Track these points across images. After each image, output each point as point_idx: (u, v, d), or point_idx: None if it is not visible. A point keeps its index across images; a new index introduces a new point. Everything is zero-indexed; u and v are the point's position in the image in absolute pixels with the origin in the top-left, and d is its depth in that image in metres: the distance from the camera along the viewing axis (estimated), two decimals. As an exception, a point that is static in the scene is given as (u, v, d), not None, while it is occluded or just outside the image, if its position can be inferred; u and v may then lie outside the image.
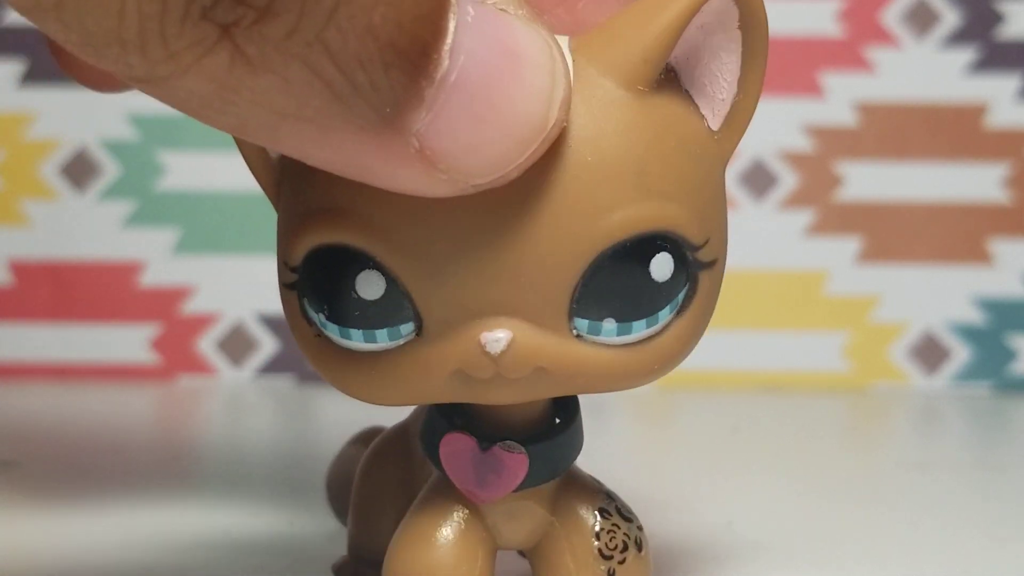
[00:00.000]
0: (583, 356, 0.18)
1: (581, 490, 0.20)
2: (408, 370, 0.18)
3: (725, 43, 0.18)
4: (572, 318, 0.17)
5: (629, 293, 0.17)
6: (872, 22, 0.52)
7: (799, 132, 0.51)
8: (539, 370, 0.17)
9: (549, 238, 0.17)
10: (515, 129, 0.16)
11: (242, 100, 0.15)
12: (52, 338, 0.51)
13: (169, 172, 0.51)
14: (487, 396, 0.18)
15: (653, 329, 0.18)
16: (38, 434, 0.41)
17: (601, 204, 0.17)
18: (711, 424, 0.45)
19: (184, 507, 0.30)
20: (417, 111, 0.15)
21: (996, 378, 0.51)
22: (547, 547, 0.20)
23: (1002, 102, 0.51)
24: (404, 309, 0.17)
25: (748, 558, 0.26)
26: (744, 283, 0.51)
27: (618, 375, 0.18)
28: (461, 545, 0.19)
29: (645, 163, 0.17)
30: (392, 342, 0.18)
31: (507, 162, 0.16)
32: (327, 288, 0.17)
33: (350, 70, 0.15)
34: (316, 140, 0.15)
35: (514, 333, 0.17)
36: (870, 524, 0.30)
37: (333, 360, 0.18)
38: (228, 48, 0.14)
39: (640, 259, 0.17)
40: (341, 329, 0.18)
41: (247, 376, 0.51)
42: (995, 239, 0.51)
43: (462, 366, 0.17)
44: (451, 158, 0.16)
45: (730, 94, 0.19)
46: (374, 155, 0.16)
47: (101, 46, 0.14)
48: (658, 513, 0.29)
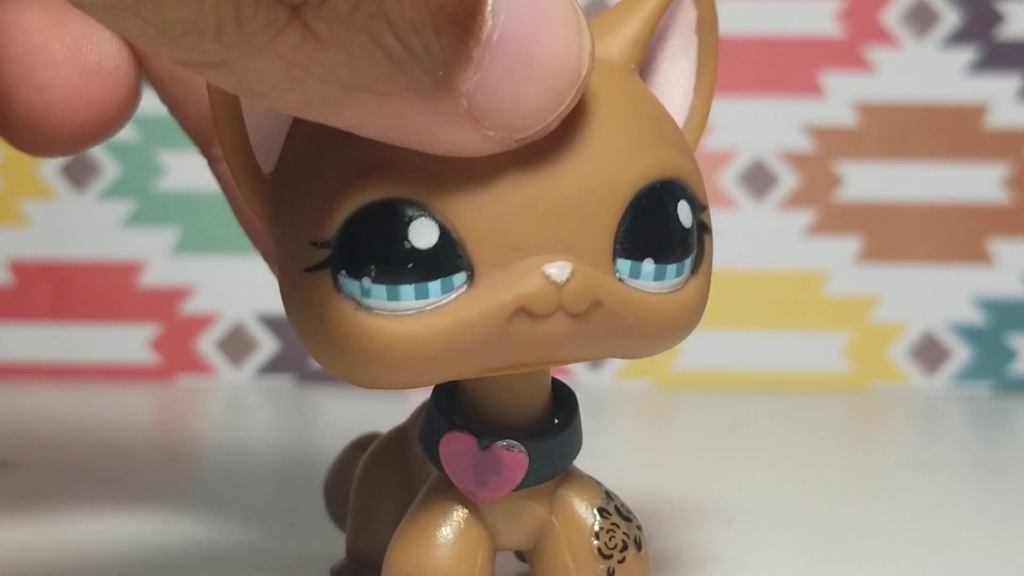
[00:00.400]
0: (631, 297, 0.18)
1: (580, 489, 0.20)
2: (466, 321, 0.17)
3: (682, 48, 0.20)
4: (616, 259, 0.18)
5: (664, 234, 0.18)
6: (872, 22, 0.52)
7: (799, 132, 0.51)
8: (596, 305, 0.18)
9: (592, 175, 0.18)
10: (553, 81, 0.17)
11: (310, 76, 0.15)
12: (52, 338, 0.51)
13: (169, 172, 0.51)
14: (544, 343, 0.18)
15: (679, 280, 0.19)
16: (38, 434, 0.41)
17: (631, 147, 0.18)
18: (711, 424, 0.45)
19: (184, 507, 0.30)
20: (466, 71, 0.16)
21: (996, 378, 0.51)
22: (546, 546, 0.20)
23: (1002, 102, 0.51)
24: (457, 258, 0.17)
25: (748, 558, 0.26)
26: (744, 283, 0.51)
27: (658, 324, 0.18)
28: (460, 545, 0.19)
29: (658, 117, 0.19)
30: (444, 296, 0.17)
31: (547, 113, 0.17)
32: (374, 247, 0.17)
33: (406, 36, 0.15)
34: (376, 109, 0.16)
35: (574, 265, 0.17)
36: (870, 524, 0.30)
37: (376, 335, 0.17)
38: (298, 27, 0.15)
39: (668, 202, 0.18)
40: (390, 289, 0.17)
41: (247, 376, 0.51)
42: (995, 239, 0.51)
43: (525, 302, 0.17)
44: (497, 114, 0.17)
45: (687, 100, 0.21)
46: (428, 118, 0.16)
47: (178, 35, 0.14)
48: (658, 513, 0.29)
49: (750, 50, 0.51)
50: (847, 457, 0.40)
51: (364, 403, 0.22)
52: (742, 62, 0.51)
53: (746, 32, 0.51)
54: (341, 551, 0.24)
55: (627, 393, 0.49)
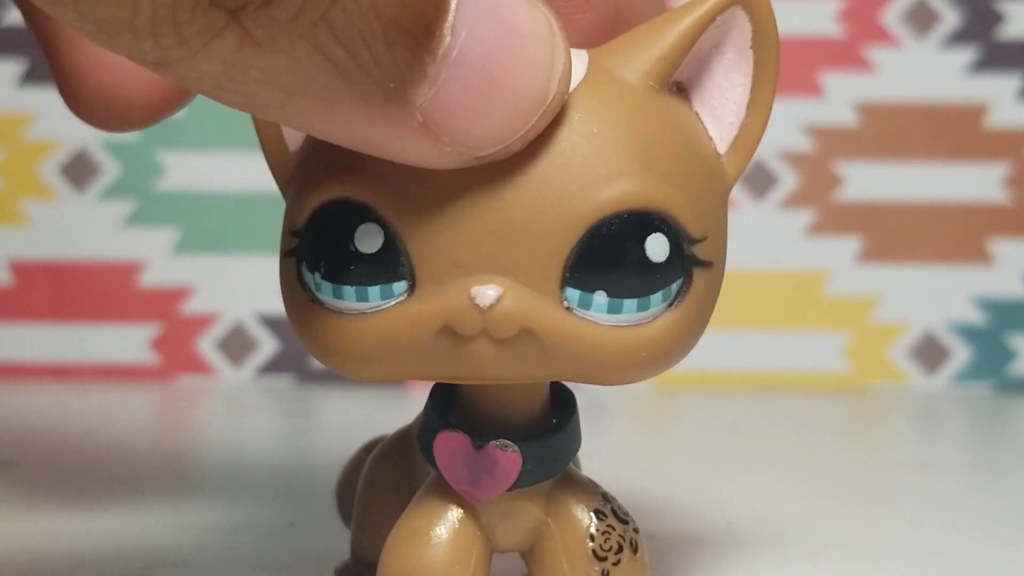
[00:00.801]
0: (571, 327, 0.17)
1: (577, 491, 0.20)
2: (396, 330, 0.18)
3: (737, 63, 0.19)
4: (564, 288, 0.17)
5: (623, 268, 0.18)
6: (872, 22, 0.52)
7: (799, 132, 0.51)
8: (527, 333, 0.17)
9: (547, 200, 0.17)
10: (516, 102, 0.16)
11: (250, 79, 0.15)
12: (52, 338, 0.51)
13: (169, 172, 0.51)
14: (470, 362, 0.18)
15: (644, 315, 0.18)
16: (38, 434, 0.41)
17: (601, 173, 0.17)
18: (711, 424, 0.45)
19: (184, 507, 0.30)
20: (420, 86, 0.16)
21: (996, 378, 0.51)
22: (542, 547, 0.20)
23: (1002, 102, 0.51)
24: (399, 266, 0.17)
25: (748, 558, 0.26)
26: (744, 283, 0.51)
27: (606, 358, 0.18)
28: (455, 544, 0.19)
29: (650, 145, 0.18)
30: (384, 301, 0.18)
31: (509, 134, 0.17)
32: (326, 244, 0.18)
33: (354, 48, 0.15)
34: (323, 115, 0.16)
35: (505, 291, 0.17)
36: (870, 524, 0.30)
37: (323, 327, 0.18)
38: (236, 31, 0.15)
39: (636, 234, 0.17)
40: (335, 287, 0.18)
41: (247, 376, 0.51)
42: (995, 239, 0.51)
43: (450, 321, 0.17)
44: (454, 131, 0.16)
45: (739, 117, 0.19)
46: (379, 129, 0.16)
47: (115, 34, 0.15)
48: (658, 513, 0.29)
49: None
50: (847, 457, 0.40)
51: (364, 403, 0.22)
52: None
53: (746, 32, 0.51)
54: (341, 551, 0.24)
55: (627, 393, 0.49)
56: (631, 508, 0.21)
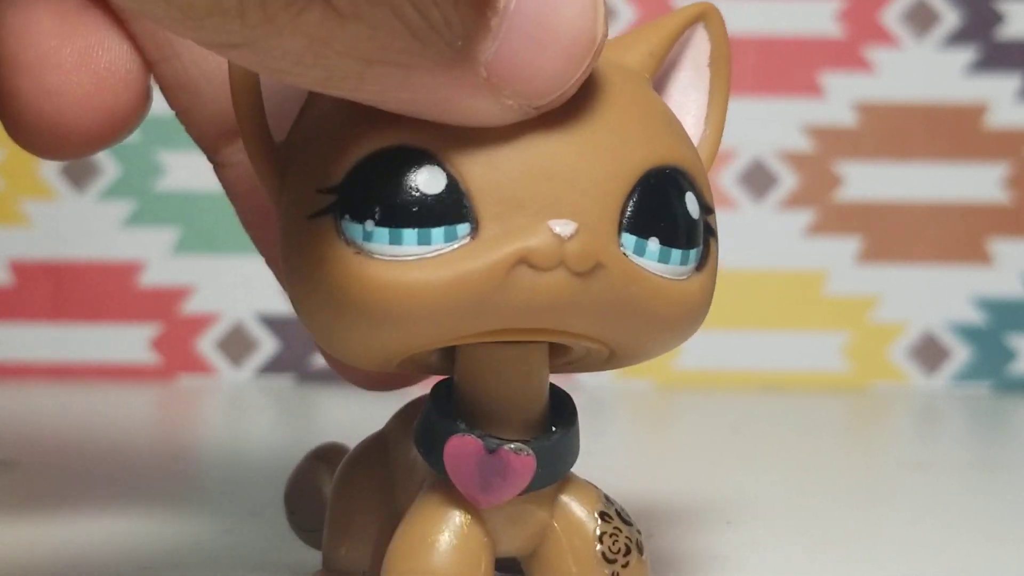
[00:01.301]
0: (633, 268, 0.18)
1: (580, 493, 0.20)
2: (467, 270, 0.17)
3: (695, 80, 0.21)
4: (621, 233, 0.18)
5: (671, 216, 0.18)
6: (872, 22, 0.52)
7: (799, 132, 0.51)
8: (599, 267, 0.18)
9: (602, 148, 0.18)
10: (570, 47, 0.17)
11: (332, 52, 0.16)
12: (52, 338, 0.51)
13: (169, 172, 0.51)
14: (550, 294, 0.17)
15: (684, 270, 0.19)
16: (38, 434, 0.41)
17: (645, 130, 0.18)
18: (711, 424, 0.45)
19: (184, 507, 0.30)
20: (485, 41, 0.16)
21: (996, 378, 0.51)
22: (547, 551, 0.20)
23: (1002, 102, 0.51)
24: (462, 208, 0.17)
25: (748, 558, 0.26)
26: (744, 283, 0.51)
27: (658, 307, 0.18)
28: (464, 549, 0.19)
29: (669, 117, 0.19)
30: (447, 244, 0.17)
31: (565, 80, 0.17)
32: (382, 189, 0.17)
33: (426, 8, 0.16)
34: (397, 82, 0.16)
35: (580, 226, 0.17)
36: (870, 524, 0.30)
37: (373, 280, 0.17)
38: (319, 3, 0.15)
39: (679, 188, 0.18)
40: (392, 232, 0.17)
41: (247, 376, 0.51)
42: (995, 239, 0.51)
43: (527, 254, 0.17)
44: (516, 82, 0.17)
45: (697, 130, 0.21)
46: (449, 89, 0.17)
47: (202, 17, 0.15)
48: (658, 513, 0.29)
49: (750, 50, 0.51)
50: (847, 457, 0.40)
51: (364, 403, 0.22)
52: (742, 62, 0.51)
53: (746, 32, 0.51)
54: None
55: (627, 393, 0.49)
56: (631, 508, 0.21)
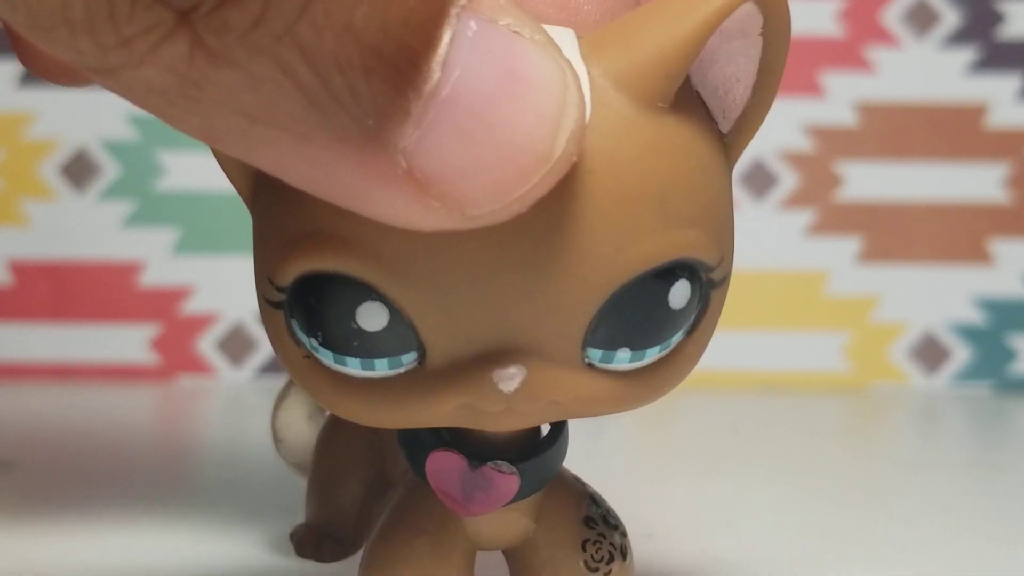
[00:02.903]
0: (595, 385, 0.17)
1: (566, 497, 0.20)
2: (409, 398, 0.17)
3: (744, 48, 0.17)
4: (585, 348, 0.16)
5: (646, 323, 0.17)
6: (872, 22, 0.52)
7: (799, 132, 0.51)
8: (551, 402, 0.17)
9: (567, 272, 0.16)
10: (514, 155, 0.14)
11: (206, 97, 0.13)
12: (52, 338, 0.51)
13: (169, 172, 0.51)
14: (494, 425, 0.17)
15: (664, 352, 0.17)
16: (38, 434, 0.41)
17: (623, 236, 0.16)
18: (711, 424, 0.45)
19: (184, 507, 0.30)
20: (403, 126, 0.14)
21: (996, 378, 0.51)
22: (529, 557, 0.20)
23: (1002, 102, 0.51)
24: (407, 340, 0.16)
25: (748, 558, 0.26)
26: (744, 283, 0.51)
27: (628, 399, 0.17)
28: (440, 546, 0.19)
29: (667, 190, 0.16)
30: (392, 371, 0.17)
31: (506, 192, 0.15)
32: (322, 318, 0.16)
33: (326, 73, 0.13)
34: (291, 151, 0.14)
35: (528, 369, 0.16)
36: (870, 524, 0.30)
37: (325, 383, 0.17)
38: (187, 36, 0.13)
39: (659, 289, 0.16)
40: (336, 356, 0.16)
41: (247, 376, 0.51)
42: (995, 239, 0.51)
43: (471, 400, 0.16)
44: (444, 183, 0.14)
45: (744, 98, 0.18)
46: (357, 172, 0.14)
47: (48, 28, 0.13)
48: (658, 513, 0.29)
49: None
50: (847, 457, 0.40)
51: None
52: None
53: (746, 32, 0.51)
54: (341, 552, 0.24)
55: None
56: (630, 509, 0.21)
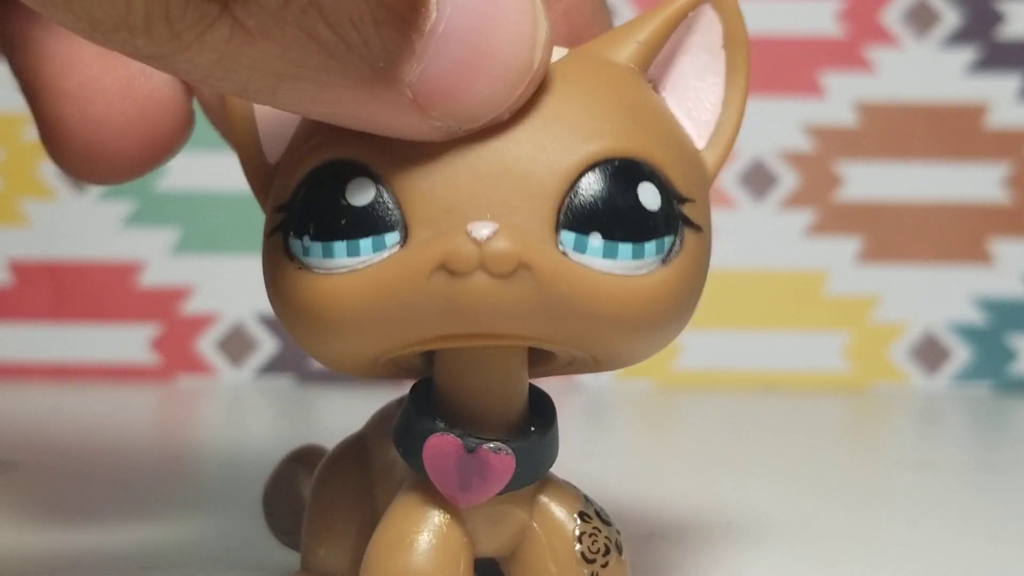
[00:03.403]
0: (568, 268, 0.17)
1: (560, 493, 0.20)
2: (389, 278, 0.17)
3: (710, 63, 0.20)
4: (559, 231, 0.17)
5: (616, 210, 0.18)
6: (872, 22, 0.52)
7: (799, 132, 0.51)
8: (524, 268, 0.17)
9: (538, 148, 0.17)
10: (503, 73, 0.17)
11: (242, 67, 0.15)
12: (52, 338, 0.51)
13: (169, 172, 0.51)
14: (467, 305, 0.17)
15: (638, 264, 0.18)
16: (38, 434, 0.41)
17: (591, 126, 0.18)
18: (711, 424, 0.45)
19: (184, 507, 0.30)
20: (408, 63, 0.16)
21: (996, 378, 0.51)
22: (527, 552, 0.20)
23: (1002, 102, 0.51)
24: (390, 216, 0.17)
25: (748, 558, 0.26)
26: (744, 283, 0.51)
27: (601, 306, 0.18)
28: (442, 550, 0.19)
29: (636, 107, 0.18)
30: (376, 254, 0.18)
31: (496, 105, 0.17)
32: (316, 204, 0.18)
33: (343, 30, 0.15)
34: (314, 97, 0.16)
35: (500, 226, 0.17)
36: (870, 524, 0.30)
37: (310, 293, 0.18)
38: (228, 22, 0.15)
39: (628, 180, 0.18)
40: (325, 246, 0.18)
41: (247, 376, 0.51)
42: (995, 239, 0.51)
43: (445, 258, 0.17)
44: (443, 104, 0.16)
45: (714, 115, 0.20)
46: (370, 107, 0.16)
47: (109, 32, 0.15)
48: (658, 513, 0.29)
49: (750, 50, 0.51)
50: (847, 457, 0.40)
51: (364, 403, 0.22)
52: (742, 62, 0.51)
53: (746, 32, 0.51)
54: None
55: (627, 393, 0.49)
56: (630, 509, 0.21)
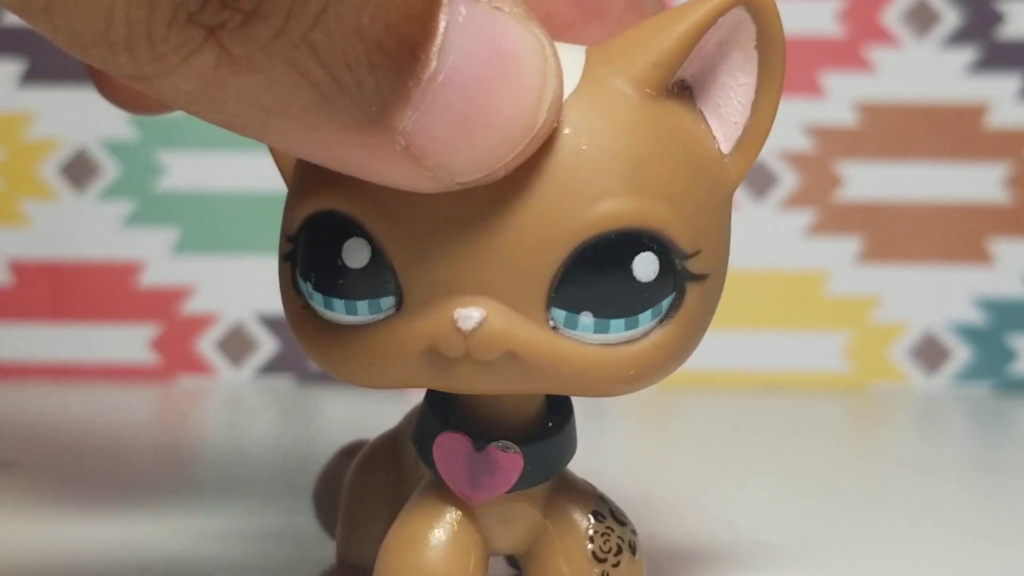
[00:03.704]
0: (557, 348, 0.17)
1: (574, 493, 0.20)
2: (384, 346, 0.18)
3: (741, 63, 0.18)
4: (550, 308, 0.17)
5: (609, 289, 0.17)
6: (872, 22, 0.52)
7: (799, 132, 0.51)
8: (510, 356, 0.17)
9: (532, 221, 0.17)
10: (502, 129, 0.16)
11: (229, 97, 0.15)
12: (52, 338, 0.51)
13: (169, 172, 0.51)
14: (457, 380, 0.18)
15: (632, 333, 0.18)
16: (38, 434, 0.41)
17: (589, 193, 0.17)
18: (711, 424, 0.45)
19: (184, 507, 0.30)
20: (403, 110, 0.15)
21: (996, 378, 0.51)
22: (540, 549, 0.20)
23: (1002, 102, 0.51)
24: (386, 282, 0.17)
25: (748, 558, 0.26)
26: (744, 283, 0.51)
27: (592, 375, 0.18)
28: (453, 547, 0.19)
29: (642, 160, 0.17)
30: (372, 315, 0.18)
31: (493, 162, 0.16)
32: (316, 255, 0.18)
33: (336, 70, 0.15)
34: (302, 136, 0.16)
35: (488, 313, 0.17)
36: (870, 524, 0.30)
37: (316, 334, 0.18)
38: (214, 48, 0.14)
39: (623, 255, 0.17)
40: (325, 299, 0.18)
41: (247, 376, 0.51)
42: (995, 239, 0.51)
43: (434, 343, 0.17)
44: (437, 156, 0.16)
45: (743, 117, 0.19)
46: (360, 152, 0.16)
47: (88, 47, 0.14)
48: (658, 513, 0.29)
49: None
50: (847, 457, 0.40)
51: (364, 404, 0.22)
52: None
53: (746, 32, 0.51)
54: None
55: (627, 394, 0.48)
56: (631, 508, 0.21)
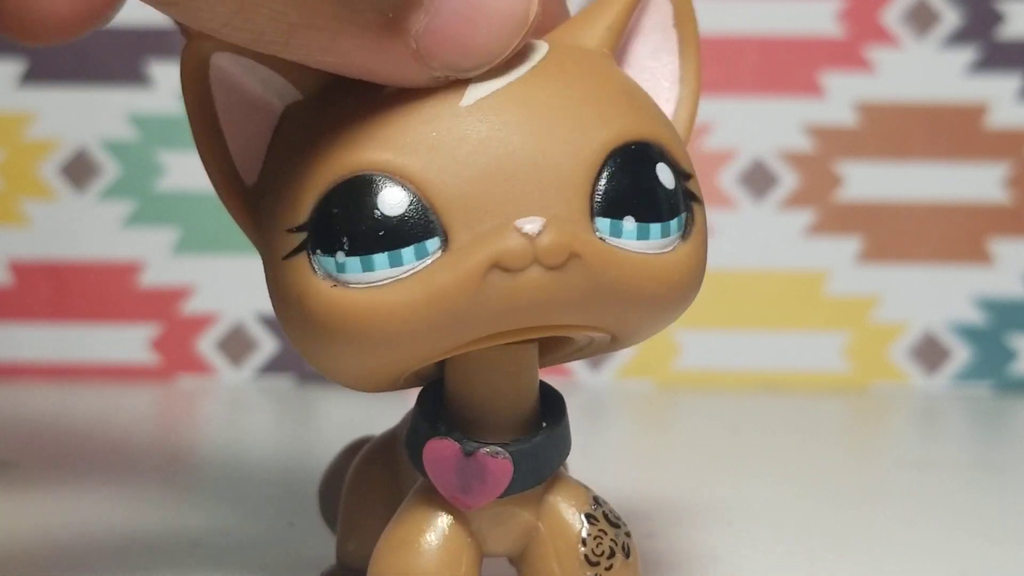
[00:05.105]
0: (611, 253, 0.18)
1: (568, 495, 0.20)
2: (441, 284, 0.17)
3: (663, 43, 0.21)
4: (594, 218, 0.18)
5: (643, 192, 0.18)
6: (872, 22, 0.52)
7: (799, 132, 0.51)
8: (574, 258, 0.18)
9: (562, 138, 0.18)
10: (502, 24, 0.17)
11: (260, 17, 0.16)
12: (52, 338, 0.51)
13: (169, 172, 0.51)
14: (526, 292, 0.18)
15: (666, 242, 0.18)
16: (38, 434, 0.41)
17: (604, 111, 0.18)
18: (711, 424, 0.45)
19: (184, 507, 0.30)
20: (416, 14, 0.17)
21: (996, 378, 0.51)
22: (533, 552, 0.20)
23: (1002, 102, 0.51)
24: (429, 222, 0.17)
25: (748, 558, 0.26)
26: (744, 283, 0.51)
27: (642, 283, 0.18)
28: (444, 551, 0.19)
29: (630, 91, 0.19)
30: (419, 262, 0.17)
31: (494, 55, 0.18)
32: (346, 219, 0.18)
33: None
34: (324, 46, 0.17)
35: (548, 220, 0.17)
36: (870, 524, 0.30)
37: (352, 310, 0.18)
38: None
39: (648, 162, 0.18)
40: (364, 259, 0.17)
41: (247, 376, 0.51)
42: (995, 239, 0.51)
43: (500, 257, 0.17)
44: (444, 55, 0.17)
45: (673, 93, 0.21)
46: (375, 56, 0.17)
47: None
48: (658, 513, 0.29)
49: (750, 50, 0.51)
50: (847, 457, 0.40)
51: (364, 404, 0.22)
52: (741, 62, 0.51)
53: (746, 32, 0.51)
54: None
55: (627, 393, 0.49)
56: (630, 509, 0.21)
